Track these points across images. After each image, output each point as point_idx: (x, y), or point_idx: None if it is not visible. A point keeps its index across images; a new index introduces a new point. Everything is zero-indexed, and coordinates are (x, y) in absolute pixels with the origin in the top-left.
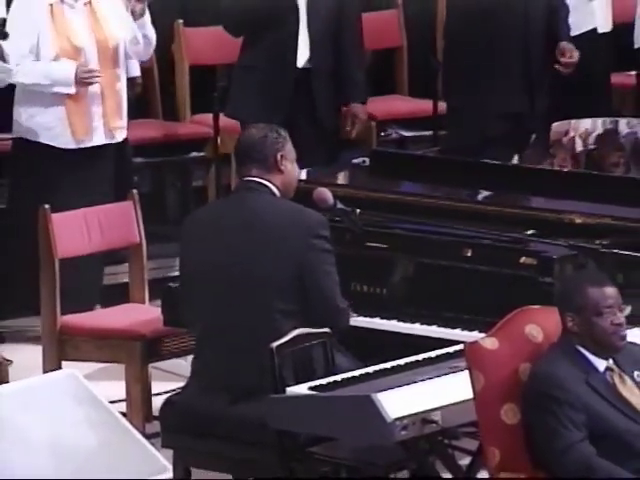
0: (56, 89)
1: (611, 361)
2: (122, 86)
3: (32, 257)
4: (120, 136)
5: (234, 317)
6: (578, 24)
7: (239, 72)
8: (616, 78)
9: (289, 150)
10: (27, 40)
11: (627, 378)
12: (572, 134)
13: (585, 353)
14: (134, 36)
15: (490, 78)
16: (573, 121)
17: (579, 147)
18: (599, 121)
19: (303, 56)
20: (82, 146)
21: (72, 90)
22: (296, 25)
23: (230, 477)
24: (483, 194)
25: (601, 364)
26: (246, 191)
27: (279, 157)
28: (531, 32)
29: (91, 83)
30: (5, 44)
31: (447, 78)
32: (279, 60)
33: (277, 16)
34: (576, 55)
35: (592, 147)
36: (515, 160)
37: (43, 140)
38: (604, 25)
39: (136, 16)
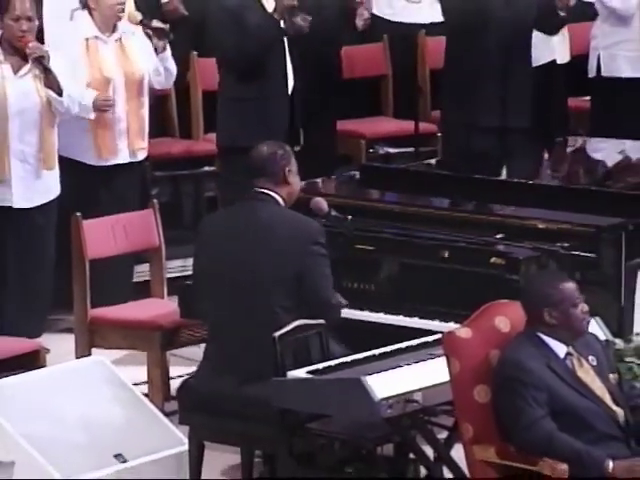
0: (79, 114)
1: (571, 347)
2: (145, 112)
3: (64, 259)
4: (141, 155)
5: (242, 311)
6: (540, 56)
7: (230, 104)
8: (573, 102)
9: (293, 163)
10: (64, 70)
11: (584, 362)
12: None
13: (547, 341)
14: (156, 68)
15: (478, 97)
16: (571, 138)
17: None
18: (561, 139)
19: (290, 82)
20: (106, 164)
21: (91, 116)
22: (283, 55)
23: (238, 450)
24: (458, 203)
25: (561, 350)
26: (255, 201)
27: (287, 171)
28: (514, 59)
29: (107, 110)
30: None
31: (445, 97)
32: (273, 89)
33: (270, 50)
34: None
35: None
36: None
37: (74, 157)
38: (562, 57)
39: (159, 51)
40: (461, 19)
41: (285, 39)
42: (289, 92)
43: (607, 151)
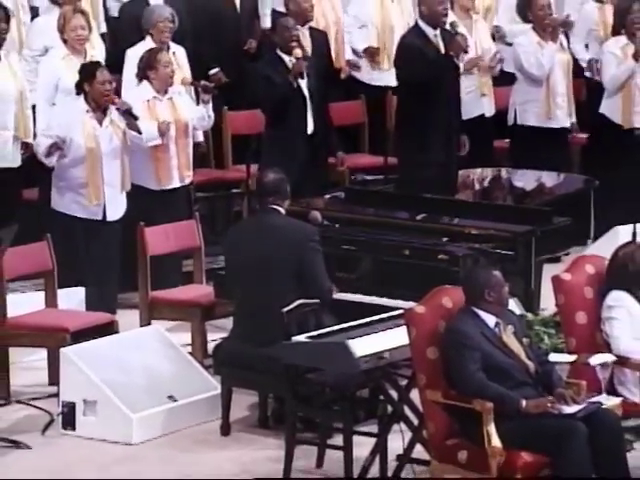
0: (150, 143)
1: (499, 319)
2: (190, 149)
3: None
4: (188, 180)
5: (259, 293)
6: (473, 111)
7: (269, 143)
8: (497, 144)
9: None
10: None
11: (509, 329)
12: (472, 177)
13: (480, 314)
14: (202, 115)
15: (427, 141)
16: (478, 170)
17: (476, 185)
18: (489, 170)
19: (310, 125)
20: (164, 188)
21: (159, 141)
22: (304, 105)
23: (256, 393)
24: (416, 215)
25: (491, 321)
26: (267, 213)
27: (289, 190)
28: (452, 114)
29: (168, 130)
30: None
31: (399, 140)
32: (295, 130)
33: (293, 100)
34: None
35: (485, 186)
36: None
37: (138, 183)
38: (489, 111)
39: (204, 103)
40: (413, 87)
41: (307, 94)
42: (309, 132)
43: (522, 178)
